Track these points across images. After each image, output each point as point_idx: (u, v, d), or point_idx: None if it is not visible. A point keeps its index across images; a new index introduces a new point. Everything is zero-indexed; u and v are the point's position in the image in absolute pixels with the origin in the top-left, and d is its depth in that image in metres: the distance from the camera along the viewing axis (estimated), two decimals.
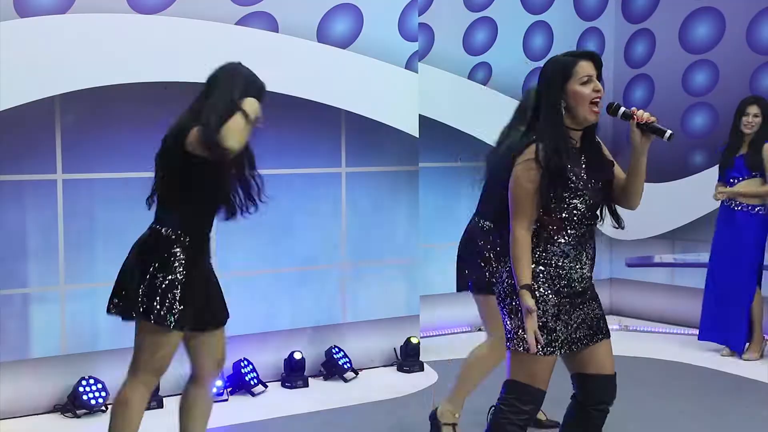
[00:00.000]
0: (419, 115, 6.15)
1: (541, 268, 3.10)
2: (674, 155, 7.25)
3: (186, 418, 3.68)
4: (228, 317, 3.69)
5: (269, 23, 5.46)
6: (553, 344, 3.07)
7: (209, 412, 3.72)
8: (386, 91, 5.93)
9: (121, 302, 3.47)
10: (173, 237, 3.44)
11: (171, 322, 3.38)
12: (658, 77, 7.51)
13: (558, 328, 3.08)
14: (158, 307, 3.37)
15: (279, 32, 5.50)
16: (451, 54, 6.99)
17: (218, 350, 3.65)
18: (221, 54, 5.27)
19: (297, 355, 5.56)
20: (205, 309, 3.53)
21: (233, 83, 3.50)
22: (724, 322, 6.22)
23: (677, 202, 7.27)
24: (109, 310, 3.52)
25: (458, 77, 7.02)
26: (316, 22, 5.63)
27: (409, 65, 6.01)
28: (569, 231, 3.10)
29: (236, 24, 5.34)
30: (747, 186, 6.02)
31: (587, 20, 7.69)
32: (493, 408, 3.18)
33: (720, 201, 6.19)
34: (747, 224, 6.06)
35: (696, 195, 7.05)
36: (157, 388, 4.96)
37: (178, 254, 3.42)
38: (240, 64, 3.59)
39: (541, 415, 4.55)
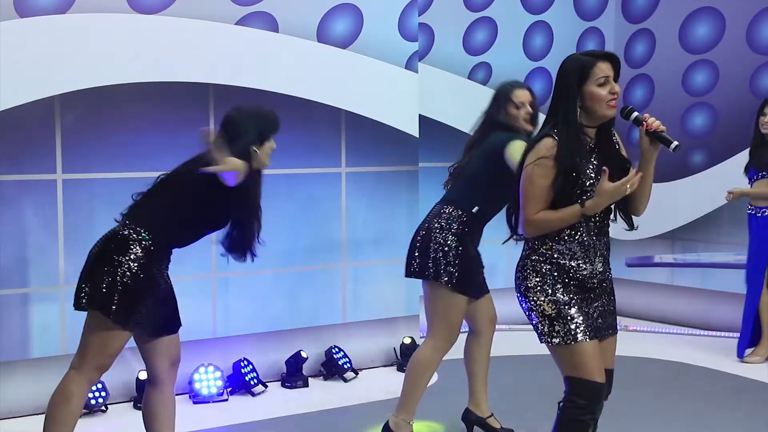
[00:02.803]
0: (419, 115, 6.15)
1: (548, 266, 3.13)
2: (674, 155, 7.19)
3: (151, 421, 3.69)
4: (180, 325, 3.69)
5: (269, 23, 5.46)
6: (573, 332, 3.08)
7: (174, 413, 3.71)
8: (386, 91, 5.93)
9: (86, 294, 3.46)
10: (141, 238, 3.45)
11: (126, 321, 3.40)
12: (658, 77, 7.51)
13: (575, 315, 3.09)
14: (116, 304, 3.38)
15: (279, 32, 5.49)
16: (451, 54, 6.99)
17: (173, 350, 3.64)
18: (221, 54, 5.30)
19: (303, 354, 5.56)
20: (161, 314, 3.55)
21: (247, 128, 3.56)
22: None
23: (677, 202, 7.27)
24: (79, 305, 3.49)
25: (458, 77, 7.02)
26: (316, 22, 5.63)
27: (409, 65, 6.01)
28: (577, 228, 3.12)
29: (236, 24, 5.34)
30: (756, 187, 5.95)
31: (587, 20, 7.69)
32: (561, 403, 3.20)
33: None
34: (755, 226, 6.00)
35: (696, 195, 7.06)
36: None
37: (140, 255, 3.44)
38: (241, 109, 3.66)
39: (495, 423, 4.50)
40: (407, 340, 6.01)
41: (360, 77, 5.81)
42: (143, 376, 4.99)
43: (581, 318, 3.11)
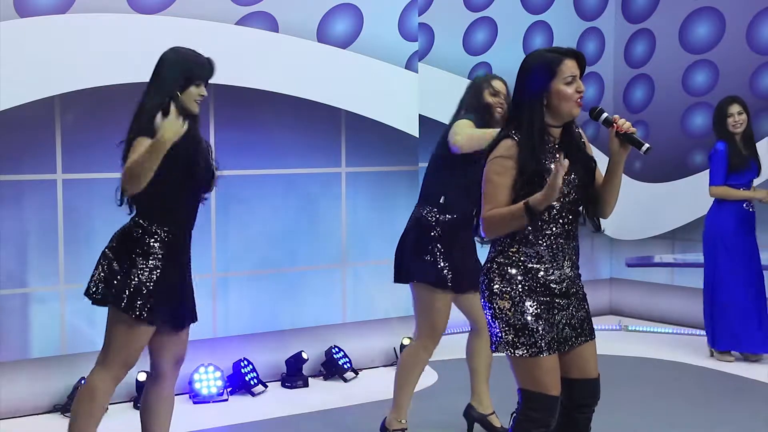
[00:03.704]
0: (419, 115, 6.15)
1: (514, 270, 3.03)
2: (674, 155, 7.25)
3: (148, 418, 3.67)
4: (196, 319, 3.67)
5: (269, 23, 5.46)
6: (538, 344, 3.00)
7: (171, 411, 3.70)
8: (386, 91, 5.93)
9: (100, 289, 3.46)
10: (153, 230, 3.44)
11: (144, 316, 3.39)
12: (658, 77, 7.51)
13: (540, 328, 3.00)
14: (132, 299, 3.38)
15: (279, 32, 5.50)
16: (451, 54, 6.99)
17: (179, 348, 3.63)
18: (221, 54, 5.28)
19: (304, 355, 5.58)
20: (179, 307, 3.54)
21: (162, 80, 3.47)
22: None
23: (677, 202, 7.27)
24: (90, 293, 3.49)
25: (458, 77, 7.01)
26: (316, 22, 5.63)
27: (409, 65, 6.01)
28: (544, 231, 3.03)
29: (236, 24, 5.34)
30: None
31: (587, 20, 7.69)
32: (514, 415, 3.14)
33: (715, 201, 6.12)
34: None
35: (696, 195, 7.04)
36: None
37: (156, 248, 3.43)
38: (176, 49, 3.53)
39: (495, 421, 4.48)
40: (406, 341, 6.00)
41: (360, 77, 5.81)
42: (142, 377, 5.00)
43: (546, 331, 3.02)
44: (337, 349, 5.75)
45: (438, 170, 4.26)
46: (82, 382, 4.90)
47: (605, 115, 3.04)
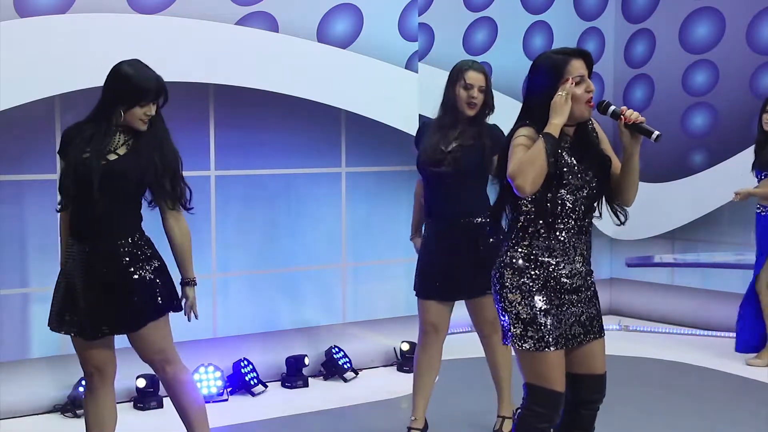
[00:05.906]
0: (419, 115, 6.15)
1: (526, 264, 3.07)
2: (674, 155, 7.25)
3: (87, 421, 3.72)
4: (114, 331, 3.57)
5: (269, 23, 5.46)
6: (546, 339, 3.03)
7: (110, 420, 3.69)
8: (386, 91, 5.92)
9: None
10: (69, 242, 3.64)
11: (48, 323, 3.62)
12: (658, 77, 7.51)
13: (548, 323, 3.04)
14: (51, 309, 3.62)
15: (279, 32, 5.49)
16: (451, 54, 6.96)
17: (98, 360, 3.60)
18: (221, 54, 5.30)
19: (306, 360, 5.60)
20: (83, 316, 3.54)
21: (110, 96, 3.57)
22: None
23: (677, 202, 7.27)
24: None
25: None
26: (316, 22, 5.63)
27: (409, 65, 6.00)
28: (557, 225, 3.06)
29: (236, 24, 5.34)
30: (763, 186, 5.88)
31: (587, 20, 7.69)
32: (518, 410, 3.17)
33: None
34: (763, 226, 5.95)
35: (696, 195, 7.06)
36: (158, 388, 4.99)
37: (68, 259, 3.63)
38: (123, 65, 3.61)
39: (503, 424, 4.45)
40: (405, 347, 5.98)
41: (360, 77, 5.81)
42: (141, 383, 5.02)
43: (555, 326, 3.05)
44: (337, 349, 5.75)
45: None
46: (83, 382, 4.92)
47: (612, 107, 3.07)
